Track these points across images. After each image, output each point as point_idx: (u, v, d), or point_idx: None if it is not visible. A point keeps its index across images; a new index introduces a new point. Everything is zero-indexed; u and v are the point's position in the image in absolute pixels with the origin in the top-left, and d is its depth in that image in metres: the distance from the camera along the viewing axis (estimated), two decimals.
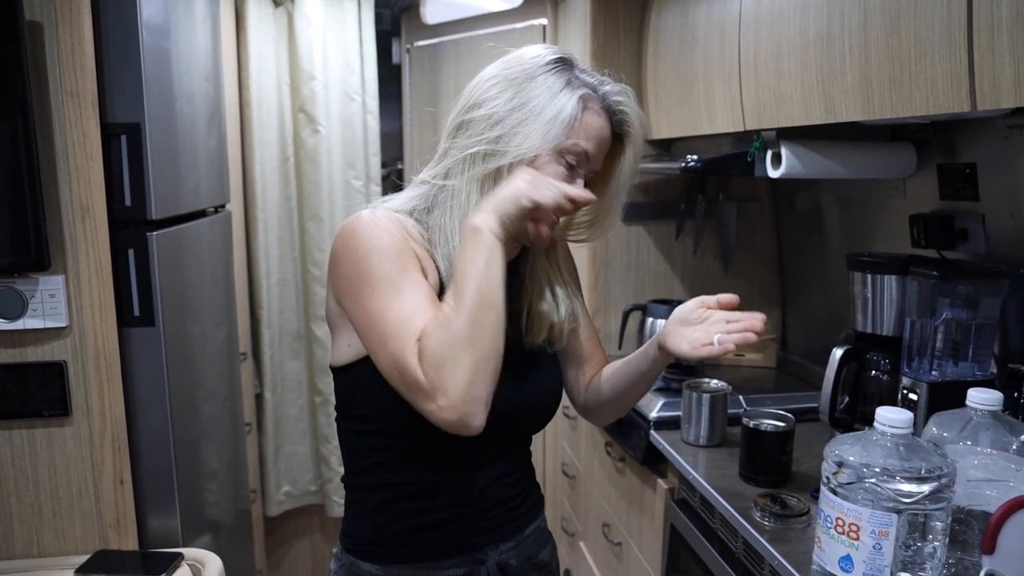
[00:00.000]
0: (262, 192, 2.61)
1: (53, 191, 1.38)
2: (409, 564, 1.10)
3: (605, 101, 1.07)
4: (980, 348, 1.51)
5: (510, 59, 1.08)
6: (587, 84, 1.07)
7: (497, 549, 1.14)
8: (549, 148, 1.02)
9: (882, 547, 1.03)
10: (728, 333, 1.06)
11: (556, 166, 1.03)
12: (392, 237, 0.99)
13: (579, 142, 1.03)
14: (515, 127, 1.02)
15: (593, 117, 1.05)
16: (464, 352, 0.89)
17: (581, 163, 1.05)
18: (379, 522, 1.11)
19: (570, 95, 1.03)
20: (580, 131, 1.03)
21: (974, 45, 1.08)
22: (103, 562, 1.45)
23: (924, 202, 1.75)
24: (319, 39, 2.61)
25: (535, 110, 1.02)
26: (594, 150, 1.05)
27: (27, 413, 1.43)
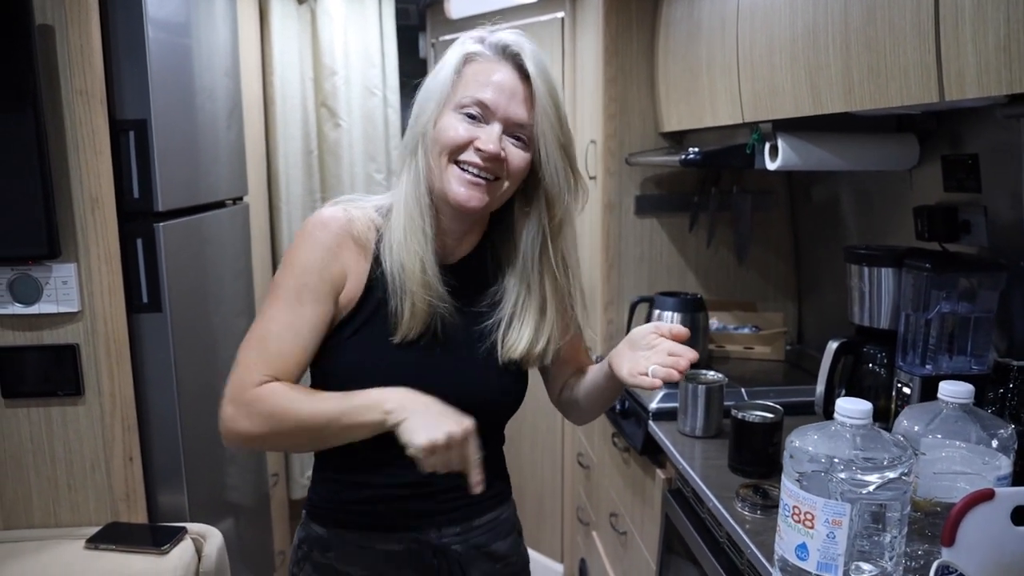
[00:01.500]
0: (286, 185, 2.69)
1: (65, 184, 1.47)
2: (353, 531, 1.16)
3: (495, 48, 1.07)
4: (978, 342, 1.49)
5: None
6: (480, 42, 1.08)
7: (440, 532, 1.17)
8: (442, 108, 1.06)
9: (835, 536, 1.04)
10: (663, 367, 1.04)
11: (452, 120, 1.05)
12: (313, 253, 1.07)
13: (468, 93, 1.05)
14: (420, 106, 1.09)
15: (482, 66, 1.06)
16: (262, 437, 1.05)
17: (485, 115, 1.05)
18: (332, 489, 1.17)
19: (454, 56, 1.07)
20: (468, 83, 1.05)
21: (941, 35, 1.07)
22: (113, 533, 1.54)
23: (930, 194, 1.72)
24: (340, 35, 2.68)
25: (430, 88, 1.08)
26: (492, 96, 1.04)
27: (44, 392, 1.53)
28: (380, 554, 1.16)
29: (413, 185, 1.09)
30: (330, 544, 1.17)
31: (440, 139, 1.06)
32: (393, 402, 0.98)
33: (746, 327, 2.29)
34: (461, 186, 1.06)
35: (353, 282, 1.10)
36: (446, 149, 1.06)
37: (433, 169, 1.08)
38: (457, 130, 1.05)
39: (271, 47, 2.61)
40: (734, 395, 1.83)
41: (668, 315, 2.12)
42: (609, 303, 2.40)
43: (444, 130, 1.05)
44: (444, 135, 1.06)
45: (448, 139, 1.05)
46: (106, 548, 1.49)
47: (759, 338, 2.22)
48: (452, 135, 1.05)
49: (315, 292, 1.07)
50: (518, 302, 1.14)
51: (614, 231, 2.37)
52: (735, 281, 2.42)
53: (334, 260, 1.08)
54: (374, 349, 1.10)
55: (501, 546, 1.24)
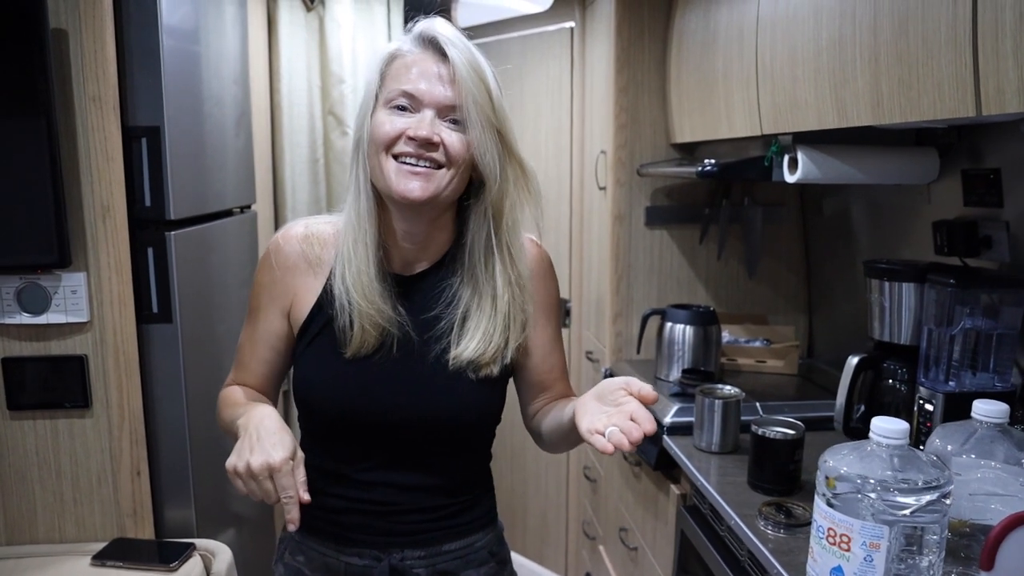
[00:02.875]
0: (292, 193, 2.66)
1: (76, 191, 1.44)
2: (319, 540, 1.16)
3: (414, 39, 1.07)
4: (1001, 359, 1.47)
5: None
6: (401, 39, 1.09)
7: (402, 553, 1.14)
8: (373, 110, 1.07)
9: (873, 559, 1.01)
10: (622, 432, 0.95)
11: (387, 117, 1.05)
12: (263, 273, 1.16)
13: (393, 87, 1.05)
14: (359, 117, 1.10)
15: (404, 59, 1.06)
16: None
17: (414, 103, 1.04)
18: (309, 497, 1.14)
19: (378, 58, 1.09)
20: (393, 78, 1.06)
21: (979, 49, 1.06)
22: (120, 549, 1.50)
23: (948, 208, 1.70)
24: (349, 43, 2.65)
25: (363, 91, 1.10)
26: (415, 84, 1.04)
27: (50, 404, 1.50)
28: (342, 566, 1.15)
29: (354, 195, 1.10)
30: (300, 548, 1.19)
31: (375, 136, 1.06)
32: (243, 419, 1.02)
33: (757, 340, 2.27)
34: (401, 177, 1.04)
35: (302, 299, 1.14)
36: (381, 145, 1.05)
37: (374, 170, 1.07)
38: (391, 123, 1.05)
39: (279, 54, 2.59)
40: (749, 410, 1.80)
41: (680, 328, 2.10)
42: (618, 315, 2.38)
43: (377, 127, 1.05)
44: (377, 131, 1.05)
45: (382, 134, 1.05)
46: (113, 565, 1.46)
47: (772, 352, 2.20)
48: (385, 129, 1.05)
49: (265, 310, 1.16)
50: (471, 301, 1.11)
51: (624, 242, 2.35)
52: (745, 294, 2.41)
53: (280, 280, 1.14)
54: (323, 363, 1.12)
55: (473, 574, 1.19)
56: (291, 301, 1.14)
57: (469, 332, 1.10)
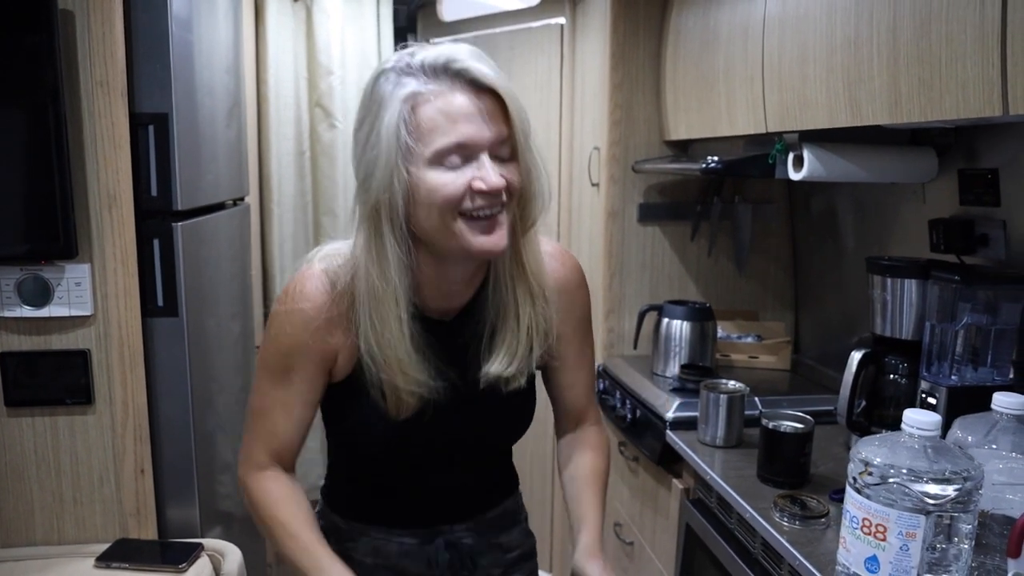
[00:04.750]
0: (278, 186, 2.61)
1: (81, 180, 1.39)
2: (368, 524, 1.17)
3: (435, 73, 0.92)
4: (999, 354, 1.51)
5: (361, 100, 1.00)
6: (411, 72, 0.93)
7: (452, 527, 1.19)
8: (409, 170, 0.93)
9: (909, 548, 1.03)
10: None
11: (438, 177, 0.93)
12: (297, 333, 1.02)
13: (440, 142, 0.92)
14: (368, 167, 0.94)
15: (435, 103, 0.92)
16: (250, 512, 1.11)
17: (468, 153, 0.93)
18: (347, 491, 1.19)
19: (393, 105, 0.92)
20: (431, 130, 0.92)
21: (1007, 49, 1.08)
22: (123, 551, 1.46)
23: (943, 207, 1.75)
24: (337, 34, 2.61)
25: (372, 143, 0.93)
26: (467, 132, 0.92)
27: (50, 401, 1.44)
28: (394, 546, 1.17)
29: (378, 264, 0.97)
30: (348, 534, 1.19)
31: (435, 201, 0.93)
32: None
33: (749, 336, 2.30)
34: (480, 235, 0.95)
35: (344, 356, 1.05)
36: (447, 209, 0.94)
37: (435, 232, 0.97)
38: (454, 184, 0.93)
39: (266, 44, 2.54)
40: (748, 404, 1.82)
41: (677, 323, 2.12)
42: (610, 311, 2.39)
43: (434, 191, 0.93)
44: (438, 195, 0.93)
45: (445, 198, 0.93)
46: (118, 567, 1.41)
47: (764, 347, 2.23)
48: (450, 192, 0.93)
49: (303, 371, 1.04)
50: (497, 318, 1.08)
51: (617, 239, 2.36)
52: (735, 290, 2.44)
53: (321, 339, 1.02)
54: (371, 420, 1.07)
55: (508, 536, 1.26)
56: (334, 358, 1.04)
57: (496, 349, 1.07)
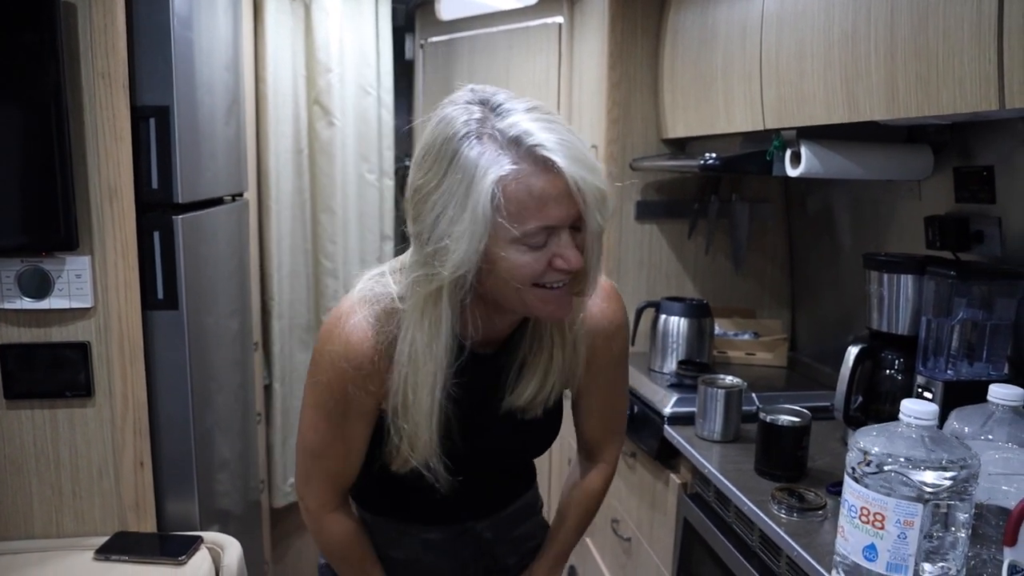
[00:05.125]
0: (276, 183, 2.61)
1: (82, 172, 1.39)
2: (395, 520, 1.21)
3: (527, 156, 0.91)
4: (995, 349, 1.53)
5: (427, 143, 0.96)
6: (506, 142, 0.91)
7: (476, 523, 1.24)
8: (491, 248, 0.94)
9: (907, 536, 1.04)
10: None
11: (522, 256, 0.94)
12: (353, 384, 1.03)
13: (527, 227, 0.92)
14: (439, 241, 0.93)
15: (526, 186, 0.91)
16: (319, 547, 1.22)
17: (552, 232, 0.94)
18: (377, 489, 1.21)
19: (482, 181, 0.90)
20: (519, 213, 0.91)
21: (1004, 44, 1.09)
22: (122, 544, 1.46)
23: (939, 204, 1.76)
24: (336, 32, 2.62)
25: (453, 217, 0.92)
26: (553, 215, 0.93)
27: (50, 393, 1.44)
28: (420, 540, 1.23)
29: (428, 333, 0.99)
30: (373, 528, 1.22)
31: (516, 276, 0.96)
32: None
33: (746, 333, 2.31)
34: (550, 304, 0.99)
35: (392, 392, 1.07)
36: (525, 282, 0.97)
37: (509, 299, 1.00)
38: (535, 263, 0.95)
39: (264, 42, 2.54)
40: (745, 400, 1.83)
41: (675, 320, 2.13)
42: None
43: (517, 268, 0.95)
44: (520, 273, 0.95)
45: (528, 275, 0.96)
46: (118, 559, 1.41)
47: (762, 344, 2.24)
48: (532, 270, 0.95)
49: (361, 413, 1.07)
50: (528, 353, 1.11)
51: (615, 236, 2.37)
52: (732, 288, 2.45)
53: (373, 382, 1.04)
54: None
55: (526, 527, 1.32)
56: (385, 394, 1.06)
57: (523, 381, 1.10)
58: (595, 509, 1.33)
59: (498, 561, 1.29)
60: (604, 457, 1.31)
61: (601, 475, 1.31)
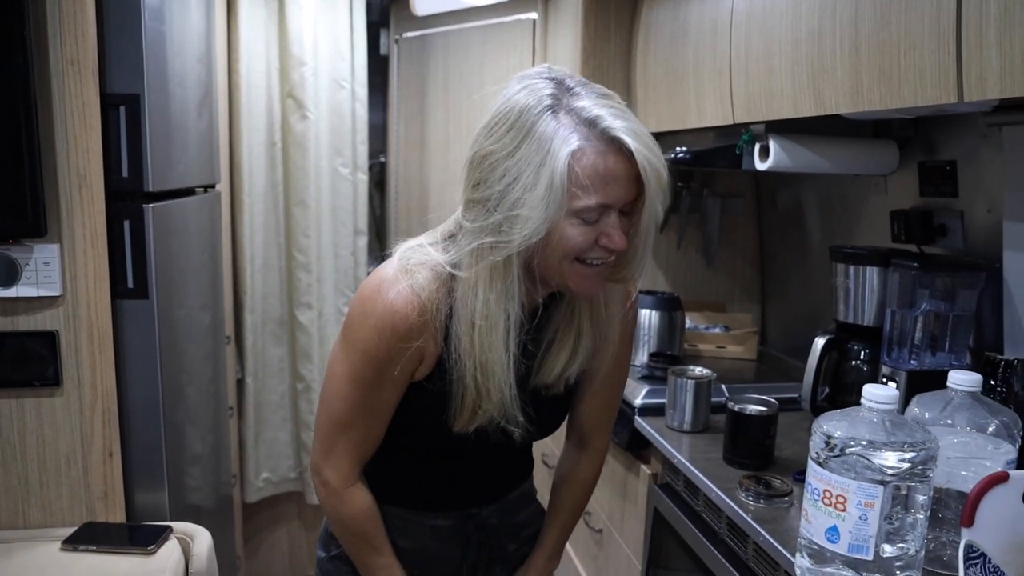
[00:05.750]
0: (248, 176, 2.60)
1: (51, 159, 1.38)
2: (401, 508, 1.21)
3: (601, 137, 0.96)
4: (957, 339, 1.56)
5: (500, 112, 0.99)
6: (579, 121, 0.96)
7: (481, 508, 1.25)
8: (553, 220, 0.97)
9: (868, 518, 1.07)
10: None
11: (574, 229, 0.99)
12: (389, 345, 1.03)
13: (586, 201, 0.96)
14: (512, 209, 0.97)
15: (593, 163, 0.95)
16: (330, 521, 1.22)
17: (604, 212, 0.99)
18: (385, 474, 1.21)
19: (560, 157, 0.94)
20: (582, 187, 0.96)
21: (962, 38, 1.12)
22: (91, 534, 1.44)
23: (904, 198, 1.80)
24: (310, 25, 2.61)
25: (527, 185, 0.96)
26: (611, 195, 0.97)
27: (17, 382, 1.43)
28: (427, 528, 1.23)
29: (500, 299, 1.02)
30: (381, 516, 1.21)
31: (563, 247, 1.00)
32: None
33: (717, 327, 2.34)
34: (585, 281, 1.04)
35: (427, 360, 1.09)
36: (570, 255, 1.01)
37: (551, 268, 1.03)
38: (585, 237, 0.99)
39: (237, 34, 2.52)
40: (715, 391, 1.86)
41: (646, 313, 2.15)
42: None
43: (568, 239, 0.99)
44: (569, 244, 0.99)
45: (576, 247, 1.00)
46: (86, 549, 1.40)
47: (732, 337, 2.27)
48: (580, 243, 0.99)
49: (394, 380, 1.07)
50: (560, 328, 1.14)
51: None
52: (703, 282, 2.48)
53: (411, 349, 1.05)
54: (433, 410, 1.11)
55: (524, 514, 1.34)
56: (419, 363, 1.08)
57: (552, 357, 1.13)
58: (588, 497, 1.37)
59: (499, 548, 1.30)
60: (595, 444, 1.32)
61: (592, 463, 1.33)
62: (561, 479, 1.35)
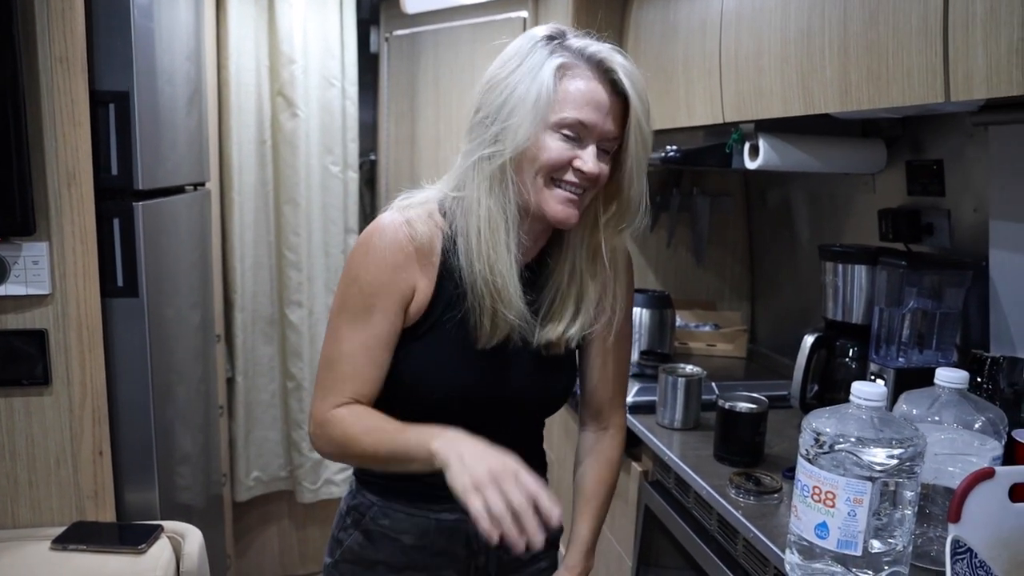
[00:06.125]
0: (238, 174, 2.59)
1: (39, 157, 1.37)
2: (406, 503, 1.19)
3: (590, 62, 1.05)
4: (944, 337, 1.58)
5: (505, 52, 1.09)
6: (568, 50, 1.05)
7: None
8: (539, 128, 1.03)
9: (856, 514, 1.08)
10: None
11: (552, 142, 1.04)
12: (379, 270, 1.07)
13: (566, 114, 1.03)
14: (506, 119, 1.04)
15: (577, 82, 1.04)
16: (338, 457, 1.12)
17: (582, 134, 1.05)
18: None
19: (547, 68, 1.03)
20: (565, 101, 1.03)
21: (949, 38, 1.13)
22: (80, 533, 1.44)
23: (892, 197, 1.81)
24: (300, 23, 2.60)
25: (520, 96, 1.03)
26: (590, 116, 1.03)
27: (5, 382, 1.42)
28: (432, 523, 1.20)
29: (499, 202, 1.07)
30: (384, 512, 1.20)
31: (539, 159, 1.05)
32: (438, 442, 0.99)
33: (707, 325, 2.35)
34: (560, 204, 1.07)
35: (421, 293, 1.11)
36: (544, 169, 1.06)
37: (527, 185, 1.07)
38: (560, 151, 1.05)
39: (227, 31, 2.51)
40: (705, 389, 1.87)
41: (637, 311, 2.15)
42: None
43: (544, 150, 1.04)
44: (544, 155, 1.05)
45: (549, 160, 1.05)
46: (76, 549, 1.39)
47: (722, 336, 2.28)
48: (555, 156, 1.05)
49: (384, 310, 1.09)
50: (560, 288, 1.16)
51: None
52: (693, 281, 2.49)
53: (401, 275, 1.09)
54: (446, 353, 1.12)
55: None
56: (412, 294, 1.10)
57: (554, 317, 1.15)
58: (615, 477, 1.33)
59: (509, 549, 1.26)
60: (614, 421, 1.30)
61: (615, 440, 1.31)
62: (583, 464, 1.31)
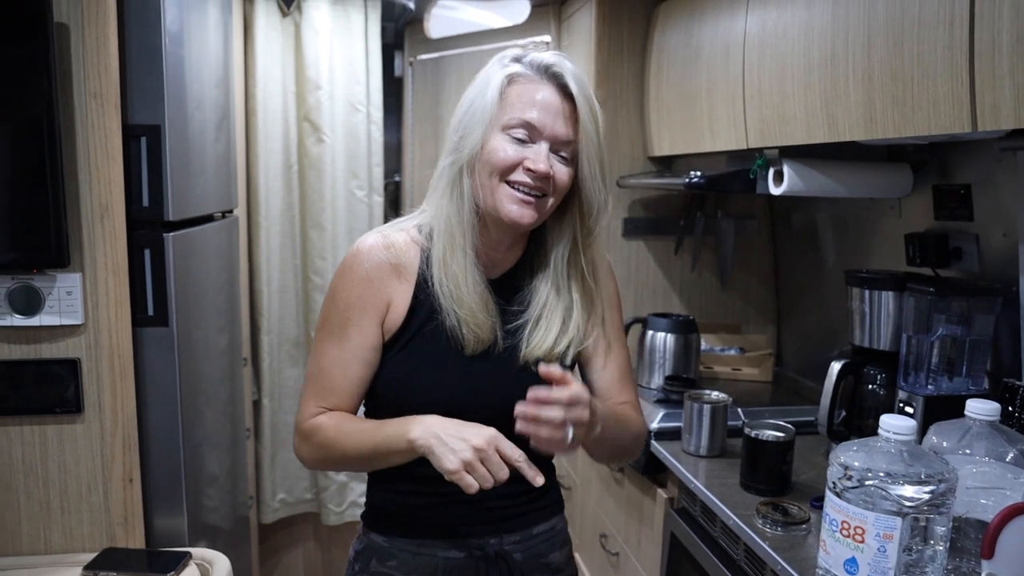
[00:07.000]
0: (265, 199, 2.63)
1: (73, 190, 1.41)
2: (410, 540, 1.18)
3: (537, 68, 1.11)
4: (974, 364, 1.55)
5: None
6: (520, 62, 1.12)
7: (500, 539, 1.19)
8: (490, 132, 1.09)
9: (886, 550, 1.06)
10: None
11: (502, 144, 1.09)
12: (354, 287, 1.14)
13: (514, 114, 1.09)
14: (465, 128, 1.12)
15: (526, 86, 1.10)
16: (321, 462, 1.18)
17: (533, 135, 1.09)
18: (388, 496, 1.20)
19: (498, 77, 1.10)
20: (514, 104, 1.09)
21: (975, 68, 1.13)
22: (110, 560, 1.46)
23: (919, 221, 1.79)
24: (326, 49, 2.64)
25: (475, 105, 1.11)
26: (538, 116, 1.08)
27: (39, 409, 1.44)
28: (440, 561, 1.18)
29: (456, 206, 1.13)
30: (390, 553, 1.19)
31: (491, 160, 1.10)
32: (416, 430, 1.03)
33: (732, 349, 2.34)
34: (513, 204, 1.10)
35: (397, 306, 1.15)
36: (496, 170, 1.10)
37: (483, 188, 1.12)
38: (507, 151, 1.09)
39: (254, 58, 2.56)
40: (731, 415, 1.85)
41: (661, 336, 2.15)
42: None
43: (494, 152, 1.09)
44: (494, 156, 1.09)
45: (499, 160, 1.09)
46: (106, 575, 1.41)
47: (747, 360, 2.27)
48: (502, 156, 1.09)
49: (359, 324, 1.13)
50: (546, 304, 1.18)
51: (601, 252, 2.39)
52: (718, 304, 2.48)
53: (375, 290, 1.14)
54: (427, 364, 1.15)
55: (557, 557, 1.26)
56: (387, 309, 1.15)
57: (540, 333, 1.16)
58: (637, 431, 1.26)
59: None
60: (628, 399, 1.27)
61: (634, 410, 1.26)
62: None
